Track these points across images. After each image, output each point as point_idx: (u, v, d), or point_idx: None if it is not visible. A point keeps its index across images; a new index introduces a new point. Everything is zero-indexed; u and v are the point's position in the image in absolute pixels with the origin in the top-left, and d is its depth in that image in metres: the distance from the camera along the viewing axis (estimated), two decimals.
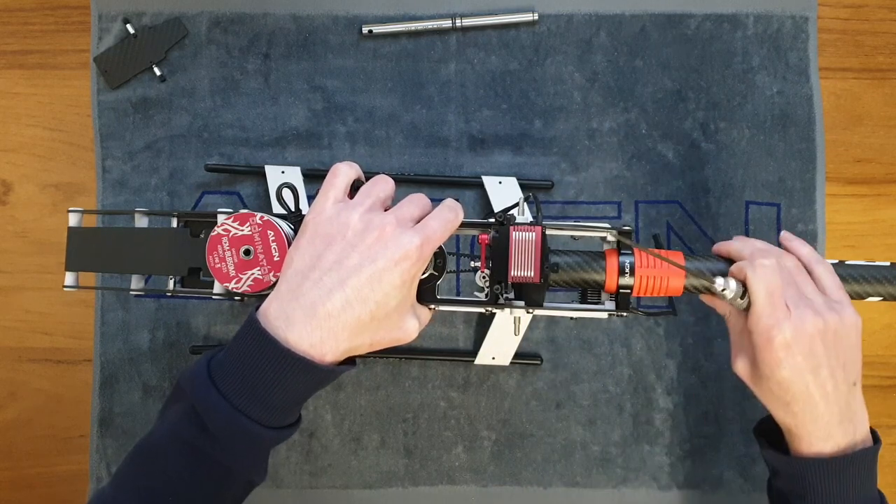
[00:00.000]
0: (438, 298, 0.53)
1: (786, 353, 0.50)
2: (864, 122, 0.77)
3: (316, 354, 0.45)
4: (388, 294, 0.46)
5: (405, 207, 0.49)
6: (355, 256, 0.46)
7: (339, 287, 0.45)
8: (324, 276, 0.46)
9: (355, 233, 0.46)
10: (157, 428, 0.48)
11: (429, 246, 0.47)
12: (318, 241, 0.47)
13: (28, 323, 0.76)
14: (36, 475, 0.76)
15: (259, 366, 0.45)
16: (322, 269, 0.46)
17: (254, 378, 0.45)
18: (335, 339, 0.46)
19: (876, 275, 0.57)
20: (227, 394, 0.45)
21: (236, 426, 0.45)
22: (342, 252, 0.46)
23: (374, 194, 0.49)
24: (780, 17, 0.76)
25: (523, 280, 0.51)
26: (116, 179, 0.75)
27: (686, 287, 0.55)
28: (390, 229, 0.46)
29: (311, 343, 0.45)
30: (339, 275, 0.45)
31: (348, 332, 0.46)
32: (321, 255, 0.46)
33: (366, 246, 0.46)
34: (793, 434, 0.53)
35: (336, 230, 0.47)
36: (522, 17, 0.75)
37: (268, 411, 0.46)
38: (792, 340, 0.49)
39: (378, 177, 0.51)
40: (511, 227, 0.51)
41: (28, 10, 0.77)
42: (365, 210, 0.47)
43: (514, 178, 0.73)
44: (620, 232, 0.54)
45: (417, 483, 0.74)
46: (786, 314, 0.50)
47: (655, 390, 0.74)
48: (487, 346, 0.72)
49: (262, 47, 0.75)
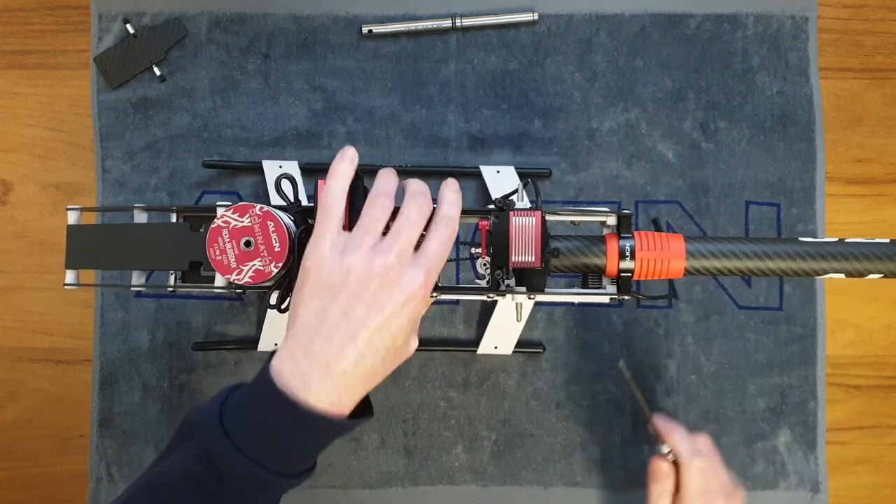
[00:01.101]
0: (439, 286, 0.53)
1: None
2: (864, 122, 0.77)
3: (335, 411, 0.46)
4: (396, 336, 0.46)
5: (406, 228, 0.47)
6: (361, 307, 0.45)
7: (350, 342, 0.45)
8: (333, 333, 0.45)
9: (358, 280, 0.45)
10: (169, 467, 0.47)
11: (432, 277, 0.47)
12: (322, 293, 0.46)
13: (28, 323, 0.76)
14: (36, 475, 0.76)
15: (279, 424, 0.45)
16: (330, 324, 0.45)
17: (274, 435, 0.45)
18: (352, 393, 0.46)
19: (876, 252, 0.57)
20: (245, 446, 0.45)
21: (255, 478, 0.45)
22: (348, 304, 0.45)
23: (372, 227, 0.47)
24: (780, 17, 0.76)
25: (524, 265, 0.51)
26: (116, 179, 0.75)
27: (687, 269, 0.55)
28: (393, 274, 0.45)
29: (330, 402, 0.45)
30: (349, 329, 0.45)
31: (363, 382, 0.46)
32: (327, 308, 0.46)
33: (370, 295, 0.45)
34: None
35: (338, 279, 0.46)
36: (522, 17, 0.75)
37: (287, 463, 0.46)
38: None
39: (377, 191, 0.49)
40: (511, 213, 0.51)
41: (28, 10, 0.77)
42: (365, 252, 0.46)
43: (511, 166, 0.73)
44: (620, 215, 0.54)
45: (417, 483, 0.74)
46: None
47: (655, 390, 0.74)
48: (490, 335, 0.72)
49: (262, 47, 0.75)
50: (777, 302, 0.75)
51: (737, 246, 0.56)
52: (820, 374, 0.75)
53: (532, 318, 0.74)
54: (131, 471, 0.74)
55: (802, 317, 0.75)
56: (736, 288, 0.75)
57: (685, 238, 0.56)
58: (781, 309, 0.75)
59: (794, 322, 0.75)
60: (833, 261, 0.56)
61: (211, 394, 0.73)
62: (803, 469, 0.74)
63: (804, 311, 0.75)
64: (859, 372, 0.76)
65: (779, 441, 0.74)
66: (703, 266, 0.56)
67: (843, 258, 0.56)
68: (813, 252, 0.56)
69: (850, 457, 0.76)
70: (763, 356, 0.75)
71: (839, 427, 0.76)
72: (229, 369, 0.74)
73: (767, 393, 0.74)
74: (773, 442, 0.74)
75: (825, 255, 0.56)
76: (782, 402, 0.74)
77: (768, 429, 0.74)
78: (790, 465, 0.74)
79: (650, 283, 0.73)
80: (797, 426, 0.74)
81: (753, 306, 0.75)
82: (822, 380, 0.75)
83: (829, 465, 0.75)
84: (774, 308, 0.75)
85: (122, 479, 0.74)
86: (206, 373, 0.74)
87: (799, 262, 0.56)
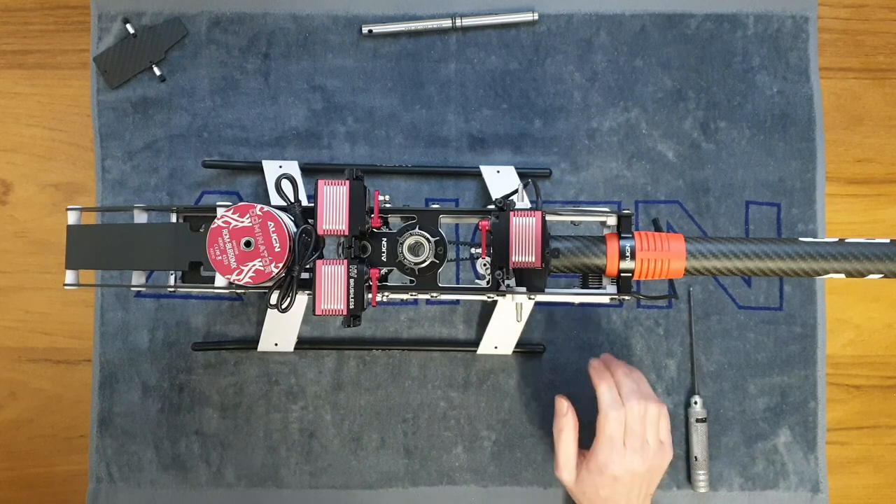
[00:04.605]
0: (440, 286, 0.53)
1: (612, 482, 0.63)
2: (864, 122, 0.77)
3: None
4: None
5: None
6: None
7: None
8: None
9: None
10: None
11: None
12: None
13: (28, 323, 0.76)
14: (36, 475, 0.76)
15: None
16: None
17: None
18: None
19: (877, 252, 0.57)
20: None
21: None
22: None
23: None
24: (780, 17, 0.76)
25: (525, 265, 0.51)
26: (116, 179, 0.75)
27: (687, 269, 0.55)
28: None
29: None
30: None
31: None
32: None
33: None
34: None
35: None
36: (522, 17, 0.75)
37: None
38: (619, 475, 0.63)
39: None
40: (511, 213, 0.51)
41: (28, 10, 0.77)
42: None
43: (511, 166, 0.73)
44: (620, 215, 0.54)
45: (417, 483, 0.74)
46: (621, 455, 0.63)
47: (655, 390, 0.74)
48: (490, 335, 0.72)
49: (262, 47, 0.75)
50: (777, 302, 0.75)
51: (737, 246, 0.56)
52: (820, 373, 0.75)
53: (532, 318, 0.74)
54: (131, 471, 0.74)
55: (802, 317, 0.75)
56: (736, 288, 0.75)
57: (685, 238, 0.56)
58: (781, 309, 0.75)
59: (794, 322, 0.75)
60: (833, 261, 0.56)
61: (211, 394, 0.74)
62: (803, 469, 0.74)
63: (804, 311, 0.75)
64: (859, 372, 0.76)
65: (779, 441, 0.74)
66: (703, 266, 0.56)
67: (843, 258, 0.56)
68: (813, 252, 0.56)
69: (849, 457, 0.76)
70: (763, 356, 0.75)
71: (839, 427, 0.76)
72: (229, 369, 0.74)
73: (767, 393, 0.74)
74: (773, 442, 0.74)
75: (825, 255, 0.56)
76: (782, 402, 0.74)
77: (768, 429, 0.74)
78: (790, 464, 0.74)
79: (650, 283, 0.73)
80: (797, 426, 0.74)
81: (753, 306, 0.75)
82: (822, 380, 0.75)
83: (829, 464, 0.75)
84: (774, 308, 0.75)
85: (122, 479, 0.74)
86: (206, 373, 0.74)
87: (799, 262, 0.56)
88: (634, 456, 0.63)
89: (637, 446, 0.63)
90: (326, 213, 0.52)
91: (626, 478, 0.63)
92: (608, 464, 0.63)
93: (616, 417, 0.63)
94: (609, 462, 0.63)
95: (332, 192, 0.52)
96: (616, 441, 0.63)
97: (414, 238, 0.53)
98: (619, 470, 0.62)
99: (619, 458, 0.63)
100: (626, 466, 0.63)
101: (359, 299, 0.51)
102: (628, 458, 0.63)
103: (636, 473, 0.63)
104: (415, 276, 0.54)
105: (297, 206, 0.54)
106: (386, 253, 0.54)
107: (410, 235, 0.54)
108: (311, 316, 0.74)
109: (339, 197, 0.52)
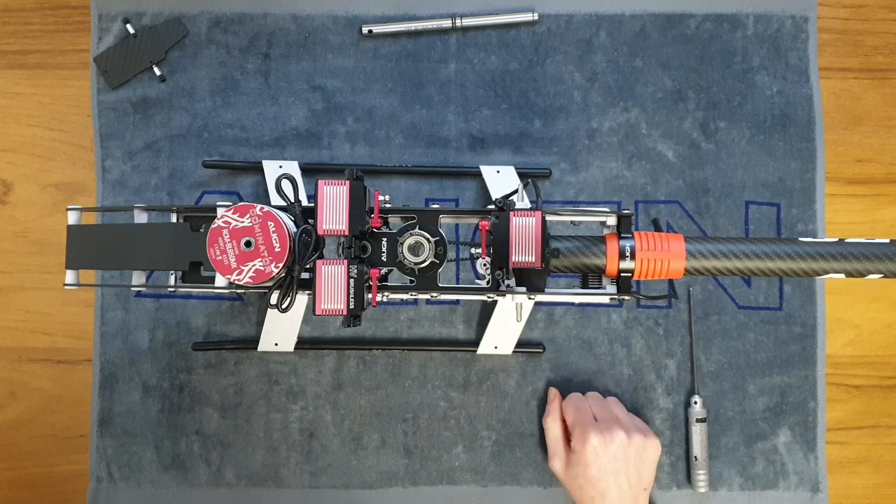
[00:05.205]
0: (440, 286, 0.53)
1: (594, 457, 0.65)
2: (864, 122, 0.77)
3: None
4: None
5: None
6: None
7: None
8: None
9: None
10: None
11: None
12: None
13: (28, 323, 0.76)
14: (36, 475, 0.76)
15: None
16: None
17: None
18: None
19: (876, 252, 0.57)
20: None
21: None
22: None
23: None
24: (780, 17, 0.76)
25: (524, 265, 0.51)
26: (116, 179, 0.75)
27: (687, 269, 0.55)
28: None
29: None
30: None
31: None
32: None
33: None
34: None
35: None
36: (522, 17, 0.75)
37: None
38: (601, 447, 0.65)
39: None
40: (511, 213, 0.51)
41: (28, 10, 0.77)
42: None
43: (511, 166, 0.73)
44: (620, 215, 0.54)
45: (417, 483, 0.74)
46: (597, 428, 0.65)
47: (655, 390, 0.74)
48: (490, 335, 0.72)
49: (262, 47, 0.75)
50: (777, 302, 0.75)
51: (737, 246, 0.56)
52: (820, 373, 0.75)
53: (532, 318, 0.74)
54: (131, 470, 0.74)
55: (802, 317, 0.75)
56: (736, 288, 0.75)
57: (685, 238, 0.56)
58: (781, 309, 0.75)
59: (794, 322, 0.75)
60: (833, 261, 0.56)
61: (211, 394, 0.74)
62: (803, 469, 0.74)
63: (804, 311, 0.75)
64: (859, 372, 0.77)
65: (779, 441, 0.74)
66: (703, 266, 0.56)
67: (843, 258, 0.56)
68: (813, 252, 0.56)
69: (849, 456, 0.76)
70: (763, 356, 0.75)
71: (839, 427, 0.76)
72: (229, 369, 0.74)
73: (767, 393, 0.74)
74: (773, 442, 0.74)
75: (825, 255, 0.56)
76: (782, 402, 0.74)
77: (768, 429, 0.74)
78: (790, 464, 0.74)
79: (650, 283, 0.73)
80: (797, 426, 0.74)
81: (753, 306, 0.75)
82: (822, 380, 0.75)
83: (829, 464, 0.75)
84: (774, 308, 0.75)
85: (122, 479, 0.74)
86: (206, 373, 0.74)
87: (799, 262, 0.56)
88: (611, 426, 0.66)
89: (608, 418, 0.67)
90: (326, 213, 0.52)
91: (610, 449, 0.65)
92: (588, 436, 0.65)
93: (577, 402, 0.69)
94: (588, 435, 0.65)
95: (332, 192, 0.52)
96: (586, 416, 0.67)
97: (414, 238, 0.54)
98: (600, 441, 0.65)
99: (596, 431, 0.65)
100: (607, 437, 0.65)
101: (359, 299, 0.51)
102: (603, 428, 0.65)
103: (619, 444, 0.65)
104: (415, 276, 0.54)
105: (297, 206, 0.54)
106: (386, 253, 0.54)
107: (410, 235, 0.54)
108: (311, 316, 0.74)
109: (339, 197, 0.52)
